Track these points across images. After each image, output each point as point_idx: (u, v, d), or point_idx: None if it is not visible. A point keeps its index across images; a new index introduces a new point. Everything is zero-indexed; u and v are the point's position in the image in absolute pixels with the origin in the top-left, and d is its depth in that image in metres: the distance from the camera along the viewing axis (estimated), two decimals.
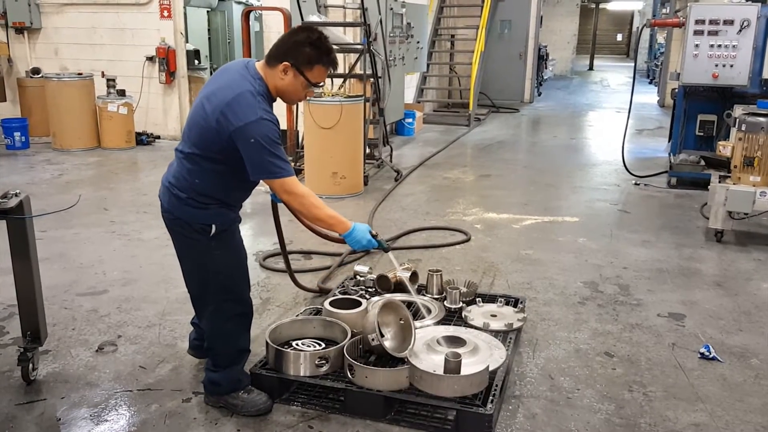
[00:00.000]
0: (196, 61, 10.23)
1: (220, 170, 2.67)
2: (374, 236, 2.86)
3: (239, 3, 13.14)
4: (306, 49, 2.60)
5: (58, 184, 7.04)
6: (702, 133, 7.34)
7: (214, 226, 2.71)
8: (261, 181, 2.66)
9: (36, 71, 9.50)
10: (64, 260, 4.75)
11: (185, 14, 9.88)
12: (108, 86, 8.93)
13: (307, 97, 2.87)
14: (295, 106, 7.60)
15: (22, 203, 2.86)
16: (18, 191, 2.90)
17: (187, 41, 9.96)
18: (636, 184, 7.35)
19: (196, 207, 2.70)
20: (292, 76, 2.63)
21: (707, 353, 3.49)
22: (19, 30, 9.71)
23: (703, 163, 6.98)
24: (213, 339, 2.91)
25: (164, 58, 9.16)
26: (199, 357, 3.28)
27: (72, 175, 7.46)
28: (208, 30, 13.17)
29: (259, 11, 9.21)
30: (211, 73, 13.19)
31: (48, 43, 9.80)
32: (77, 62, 9.54)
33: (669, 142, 8.34)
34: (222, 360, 2.90)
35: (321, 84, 2.75)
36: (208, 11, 13.05)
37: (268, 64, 2.66)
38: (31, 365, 3.09)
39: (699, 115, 7.31)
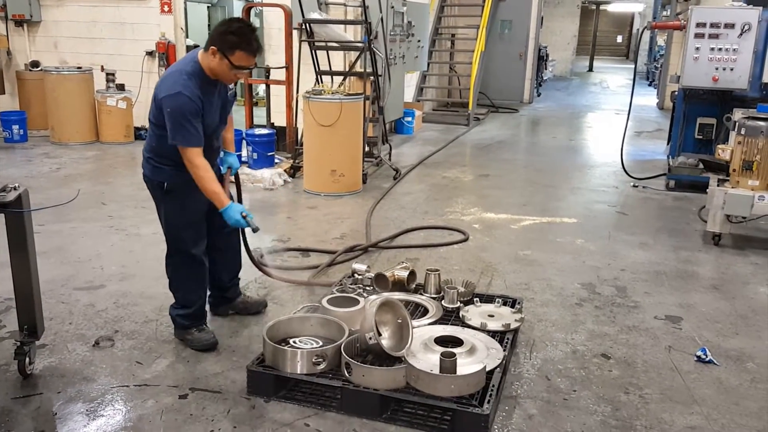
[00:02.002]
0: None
1: (166, 135, 3.13)
2: (244, 217, 3.20)
3: None
4: (229, 37, 3.07)
5: (57, 178, 7.03)
6: (701, 136, 7.34)
7: (166, 183, 3.25)
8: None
9: (35, 64, 9.48)
10: (61, 254, 4.74)
11: (185, 9, 9.86)
12: (107, 80, 8.91)
13: (239, 79, 3.39)
14: (294, 103, 7.59)
15: (20, 197, 2.85)
16: (16, 185, 2.89)
17: (187, 36, 9.94)
18: (634, 186, 7.36)
19: (155, 166, 3.27)
20: (219, 59, 3.10)
21: (703, 356, 3.49)
22: (19, 23, 9.67)
23: (701, 166, 6.98)
24: (172, 280, 3.49)
25: (164, 53, 9.13)
26: (216, 314, 3.79)
27: (70, 169, 7.45)
28: (209, 26, 13.16)
29: (260, 8, 9.18)
30: None
31: (47, 37, 9.77)
32: (77, 56, 9.52)
33: (668, 144, 8.35)
34: (177, 299, 3.48)
35: (247, 67, 3.17)
36: (208, 7, 13.04)
37: (204, 48, 3.16)
38: (27, 359, 3.09)
39: (698, 118, 7.31)
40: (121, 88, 8.95)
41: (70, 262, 4.61)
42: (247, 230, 3.41)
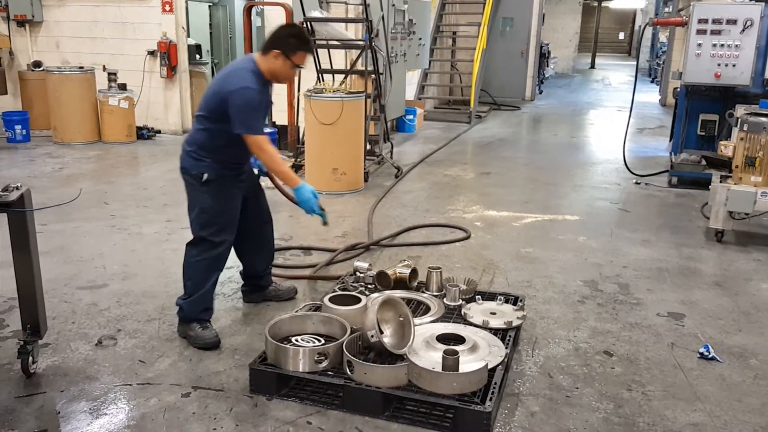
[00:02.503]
0: (198, 56, 10.22)
1: (214, 129, 3.37)
2: (321, 208, 3.51)
3: None
4: (290, 40, 3.39)
5: (59, 178, 7.04)
6: (703, 133, 7.33)
7: (205, 175, 3.40)
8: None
9: (37, 64, 9.49)
10: (64, 254, 4.75)
11: (187, 9, 9.86)
12: (109, 80, 8.92)
13: (292, 78, 3.78)
14: (296, 102, 7.59)
15: (23, 196, 2.86)
16: (19, 184, 2.89)
17: (188, 36, 9.94)
18: (637, 183, 7.35)
19: (196, 159, 3.43)
20: (282, 60, 3.38)
21: (706, 353, 3.49)
22: (21, 23, 9.69)
23: (704, 162, 6.97)
24: (187, 268, 3.53)
25: (165, 53, 9.15)
26: (249, 301, 4.00)
27: (72, 169, 7.46)
28: (210, 25, 13.13)
29: (261, 6, 9.18)
30: (212, 68, 13.21)
31: (49, 37, 9.78)
32: (78, 56, 9.53)
33: (670, 141, 8.34)
34: (189, 289, 3.51)
35: (301, 66, 3.48)
36: (209, 6, 13.02)
37: (263, 53, 3.42)
38: (30, 358, 3.09)
39: (701, 115, 7.30)
40: (122, 87, 8.96)
41: (72, 262, 4.62)
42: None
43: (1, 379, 3.10)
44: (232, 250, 3.74)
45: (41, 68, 9.36)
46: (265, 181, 3.80)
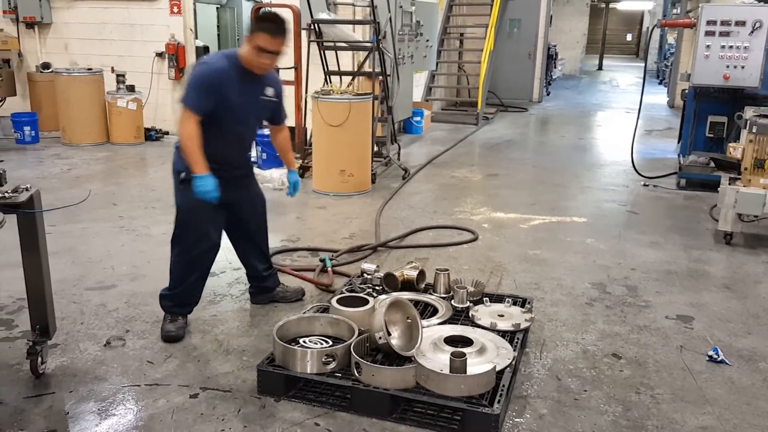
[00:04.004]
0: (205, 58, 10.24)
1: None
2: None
3: (249, 0, 13.15)
4: (256, 23, 3.33)
5: (68, 179, 7.07)
6: (712, 135, 7.30)
7: (182, 173, 3.35)
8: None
9: (46, 66, 9.54)
10: (72, 255, 4.77)
11: (195, 10, 9.89)
12: (117, 82, 8.96)
13: (268, 67, 3.41)
14: (303, 103, 7.60)
15: (32, 197, 2.87)
16: (28, 185, 2.91)
17: (196, 38, 9.98)
18: (645, 185, 7.32)
19: (178, 156, 3.40)
20: (248, 44, 3.30)
21: (715, 356, 3.47)
22: (30, 25, 9.75)
23: (713, 164, 6.93)
24: (171, 264, 3.56)
25: (173, 54, 9.18)
26: (256, 302, 3.99)
27: (81, 170, 7.49)
28: (218, 26, 13.21)
29: (269, 8, 9.19)
30: None
31: (58, 38, 9.83)
32: (87, 57, 9.58)
33: (678, 143, 8.30)
34: (170, 282, 3.56)
35: (269, 50, 3.28)
36: (217, 8, 13.08)
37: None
38: (39, 359, 3.11)
39: (709, 117, 7.26)
40: (131, 89, 9.00)
41: (81, 263, 4.64)
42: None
43: (10, 380, 3.11)
44: (234, 253, 3.80)
45: (50, 70, 9.41)
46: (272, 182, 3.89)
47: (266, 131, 7.14)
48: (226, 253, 4.74)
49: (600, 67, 27.06)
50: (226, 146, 3.44)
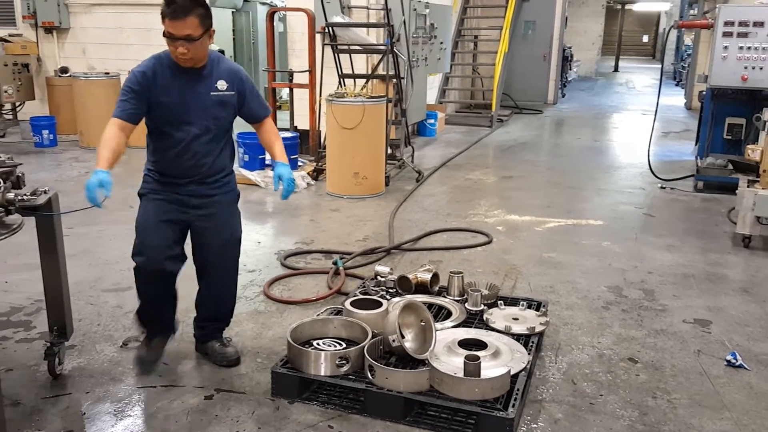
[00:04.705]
0: None
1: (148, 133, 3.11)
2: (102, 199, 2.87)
3: (264, 4, 13.22)
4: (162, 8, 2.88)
5: (85, 182, 7.13)
6: (730, 137, 7.22)
7: (140, 188, 3.16)
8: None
9: (64, 70, 9.65)
10: (90, 257, 4.81)
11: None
12: None
13: (183, 55, 2.93)
14: (317, 106, 7.62)
15: (50, 200, 2.91)
16: (46, 188, 2.94)
17: (212, 42, 10.03)
18: (662, 187, 7.26)
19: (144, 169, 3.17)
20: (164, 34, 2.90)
21: (733, 360, 3.43)
22: (49, 30, 9.88)
23: (730, 167, 6.85)
24: None
25: None
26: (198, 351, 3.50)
27: None
28: (233, 31, 13.27)
29: (284, 12, 9.24)
30: None
31: (76, 43, 9.95)
32: (104, 62, 9.68)
33: (696, 145, 8.23)
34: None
35: (174, 36, 2.88)
36: (233, 12, 13.15)
37: None
38: (57, 360, 3.14)
39: (727, 118, 7.19)
40: None
41: (98, 264, 4.68)
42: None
43: (28, 380, 3.15)
44: (246, 254, 3.55)
45: (68, 74, 9.52)
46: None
47: (281, 134, 7.29)
48: (241, 256, 4.77)
49: (616, 69, 26.90)
50: (176, 156, 3.03)
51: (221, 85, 3.04)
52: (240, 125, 3.61)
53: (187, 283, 3.34)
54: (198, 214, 3.10)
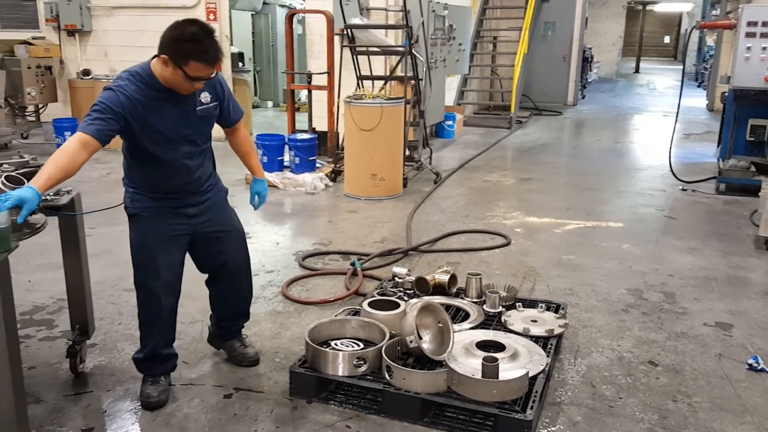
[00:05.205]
0: (240, 64, 10.40)
1: (125, 149, 2.90)
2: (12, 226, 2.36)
3: (283, 6, 13.31)
4: (182, 45, 2.65)
5: (106, 183, 7.23)
6: (753, 138, 7.13)
7: (128, 208, 2.91)
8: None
9: (86, 73, 9.78)
10: (111, 256, 4.87)
11: (230, 17, 10.05)
12: None
13: (196, 89, 2.82)
14: (336, 108, 7.65)
15: (73, 200, 2.95)
16: (69, 189, 2.98)
17: (231, 44, 10.13)
18: (683, 189, 7.18)
19: (125, 189, 2.97)
20: (172, 68, 2.69)
21: (755, 364, 3.39)
22: (71, 32, 10.01)
23: (753, 169, 6.78)
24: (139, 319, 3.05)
25: None
26: (212, 343, 3.48)
27: (119, 174, 7.55)
28: (252, 33, 13.38)
29: (303, 14, 9.29)
30: (254, 76, 13.44)
31: (98, 46, 10.08)
32: (125, 64, 9.62)
33: (718, 147, 8.13)
34: (141, 340, 3.05)
35: (205, 78, 2.73)
36: (252, 14, 13.25)
37: (156, 54, 2.76)
38: (78, 358, 3.19)
39: (750, 120, 7.10)
40: None
41: (119, 264, 4.73)
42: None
43: (50, 378, 3.19)
44: (265, 255, 3.52)
45: (90, 76, 9.63)
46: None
47: (299, 136, 7.32)
48: (260, 256, 4.81)
49: (637, 70, 26.66)
50: (170, 174, 2.89)
51: (204, 98, 2.90)
52: (258, 127, 3.64)
53: (197, 283, 3.36)
54: (198, 222, 2.99)
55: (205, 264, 3.17)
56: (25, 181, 2.66)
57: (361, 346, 3.24)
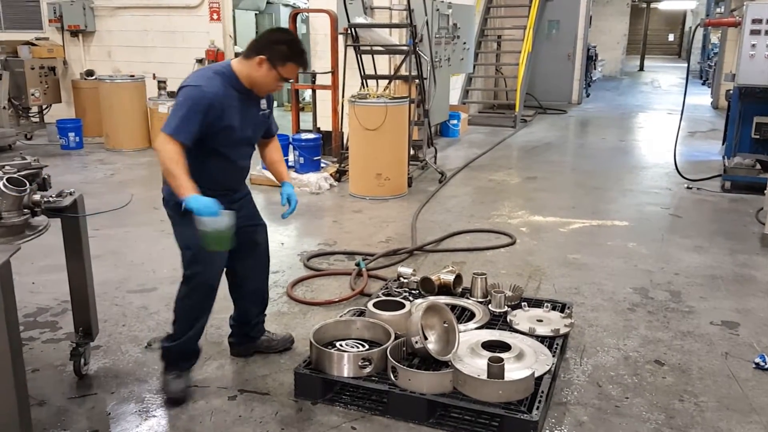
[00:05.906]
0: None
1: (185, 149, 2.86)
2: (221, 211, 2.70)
3: (287, 6, 13.31)
4: (281, 47, 2.89)
5: (111, 184, 7.23)
6: (758, 136, 7.08)
7: (183, 205, 2.79)
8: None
9: (90, 73, 9.80)
10: (115, 258, 4.87)
11: (234, 17, 10.06)
12: (159, 88, 9.13)
13: (277, 90, 3.12)
14: (340, 108, 7.63)
15: (76, 202, 2.94)
16: (72, 190, 2.97)
17: (235, 44, 10.12)
18: (688, 187, 7.15)
19: (169, 188, 2.90)
20: (267, 69, 2.88)
21: (762, 363, 3.36)
22: (74, 33, 10.04)
23: (759, 166, 6.74)
24: (176, 307, 3.11)
25: (213, 61, 9.33)
26: (237, 354, 3.45)
27: (124, 175, 7.65)
28: (256, 32, 13.37)
29: (306, 13, 9.28)
30: None
31: (101, 46, 10.09)
32: (129, 64, 9.80)
33: (723, 144, 8.09)
34: (176, 331, 3.08)
35: (291, 79, 3.02)
36: (256, 14, 13.26)
37: (245, 56, 2.93)
38: (82, 360, 3.18)
39: (755, 117, 7.05)
40: (172, 95, 9.15)
41: (123, 266, 4.73)
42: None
43: (54, 380, 3.19)
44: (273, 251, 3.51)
45: (94, 77, 9.65)
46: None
47: (304, 136, 7.31)
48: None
49: (641, 68, 26.57)
50: (229, 172, 3.05)
51: (263, 104, 3.11)
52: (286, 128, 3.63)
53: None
54: (240, 216, 3.00)
55: (237, 259, 3.22)
56: (27, 182, 2.66)
57: (367, 346, 3.23)
